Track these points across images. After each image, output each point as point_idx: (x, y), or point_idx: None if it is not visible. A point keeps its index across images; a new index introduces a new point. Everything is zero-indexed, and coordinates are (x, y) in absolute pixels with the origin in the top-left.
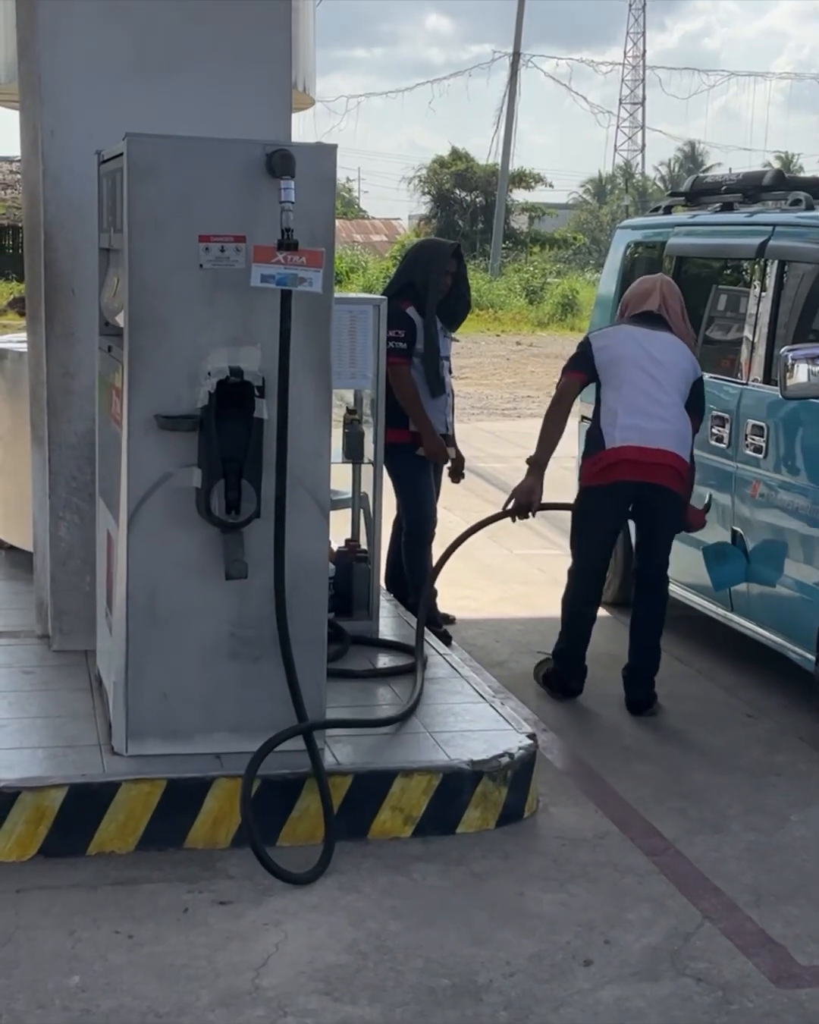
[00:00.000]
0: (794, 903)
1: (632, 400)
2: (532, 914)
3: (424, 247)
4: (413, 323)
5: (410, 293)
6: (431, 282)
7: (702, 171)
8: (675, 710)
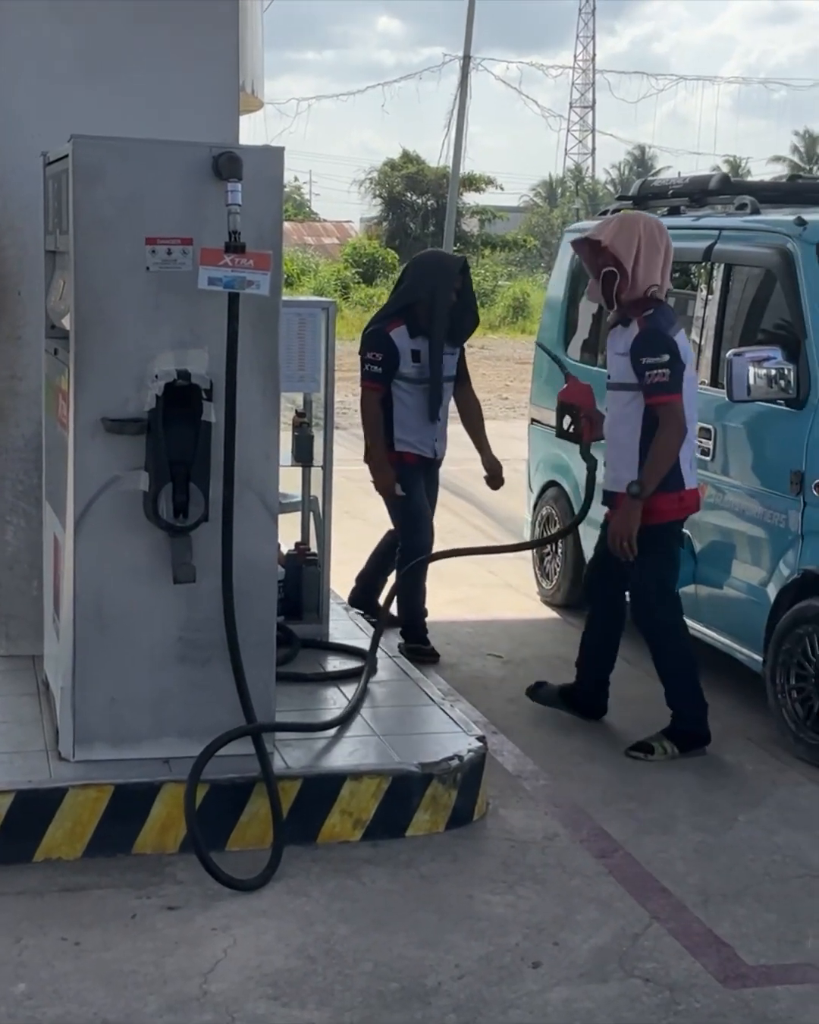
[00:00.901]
0: (741, 903)
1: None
2: (481, 916)
3: (428, 264)
4: (394, 347)
5: (405, 314)
6: (438, 304)
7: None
8: (624, 711)
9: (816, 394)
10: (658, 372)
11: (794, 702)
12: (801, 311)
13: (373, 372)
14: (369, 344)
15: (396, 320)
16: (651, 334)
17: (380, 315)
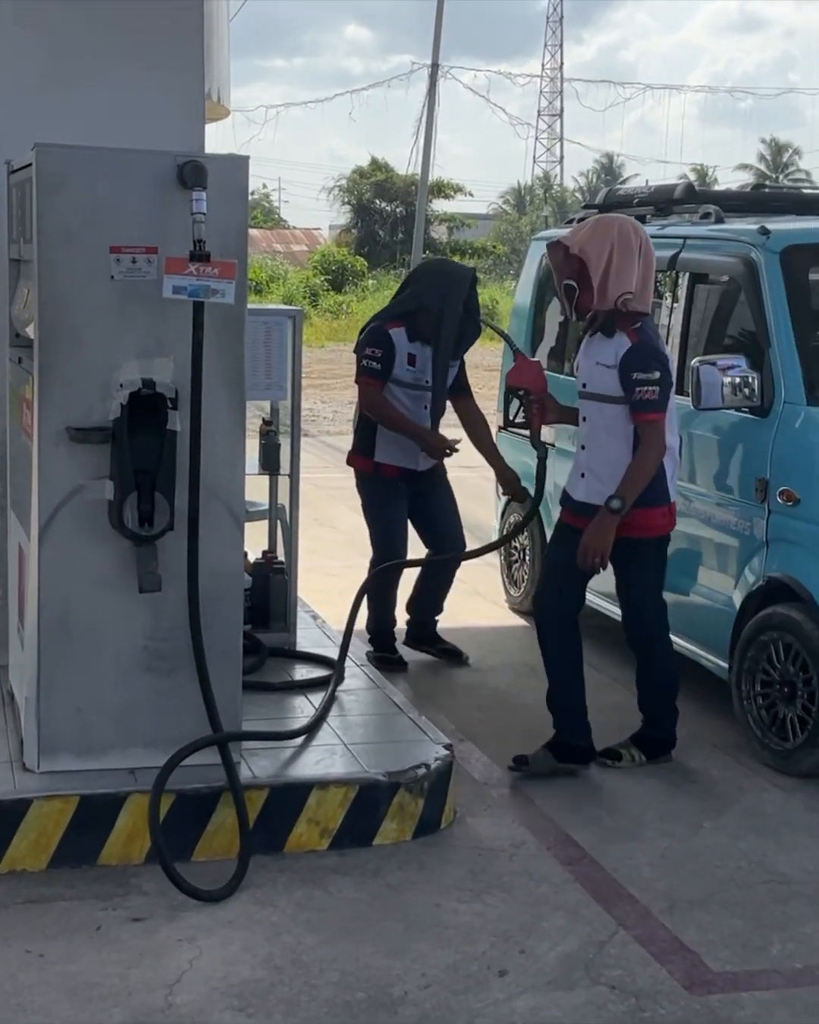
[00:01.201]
0: (707, 909)
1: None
2: (448, 925)
3: (440, 273)
4: (392, 345)
5: (406, 318)
6: (447, 313)
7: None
8: (592, 719)
9: (780, 402)
10: (648, 389)
11: (760, 708)
12: (765, 320)
13: (371, 368)
14: (368, 340)
15: (396, 321)
16: (644, 349)
17: (379, 315)
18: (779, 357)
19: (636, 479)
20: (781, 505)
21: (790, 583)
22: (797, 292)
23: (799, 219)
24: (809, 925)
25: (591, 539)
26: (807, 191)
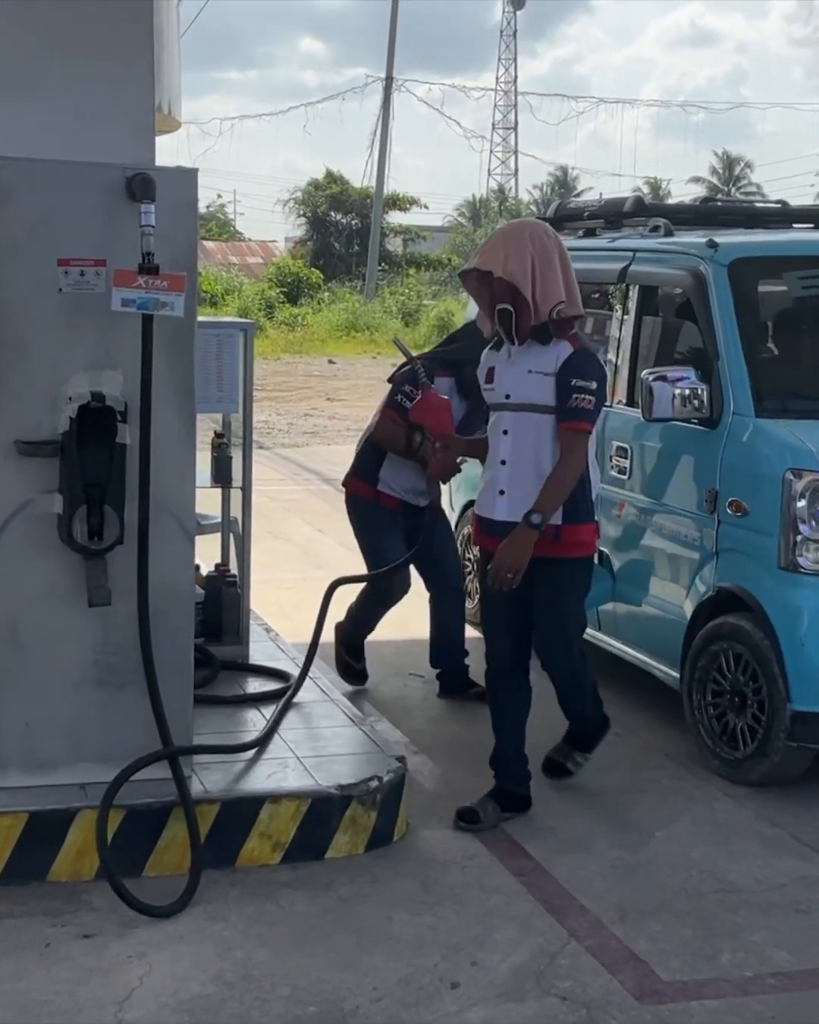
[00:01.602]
0: (658, 919)
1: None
2: (400, 938)
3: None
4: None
5: (455, 370)
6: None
7: (574, 195)
8: (545, 729)
9: (728, 414)
10: (584, 398)
11: (711, 718)
12: (713, 332)
13: (402, 405)
14: (412, 379)
15: (446, 371)
16: (586, 355)
17: (427, 358)
18: (728, 369)
19: (557, 492)
20: (730, 516)
21: (739, 593)
22: (745, 305)
23: (747, 232)
24: (758, 934)
25: (507, 554)
26: (760, 205)
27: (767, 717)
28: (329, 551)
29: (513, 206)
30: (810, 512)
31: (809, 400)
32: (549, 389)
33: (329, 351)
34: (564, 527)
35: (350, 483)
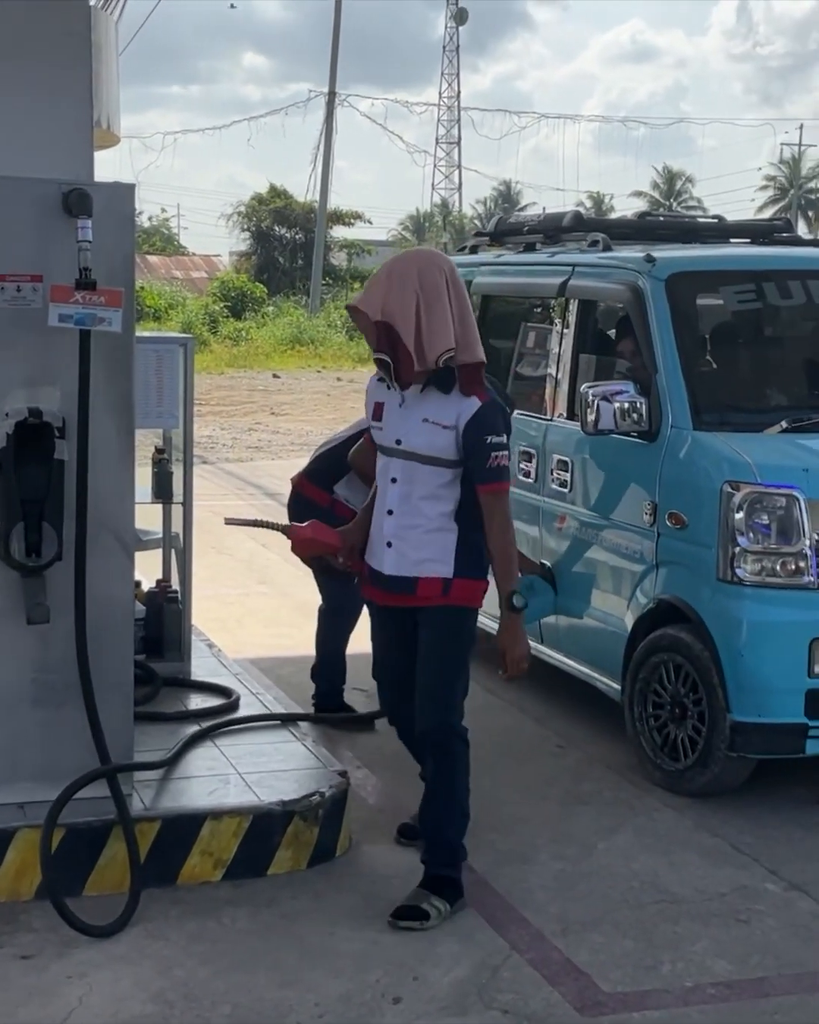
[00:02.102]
0: (599, 931)
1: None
2: (342, 953)
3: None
4: None
5: None
6: None
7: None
8: (487, 742)
9: (667, 427)
10: (501, 455)
11: (651, 730)
12: (651, 346)
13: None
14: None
15: None
16: (495, 409)
17: None
18: (666, 382)
19: (509, 559)
20: (670, 528)
21: (679, 605)
22: (683, 318)
23: (684, 247)
24: (699, 944)
25: (511, 648)
26: (701, 219)
27: (707, 728)
28: (272, 566)
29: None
30: (748, 524)
31: (747, 413)
32: (447, 443)
33: (273, 365)
34: (454, 580)
35: (304, 485)
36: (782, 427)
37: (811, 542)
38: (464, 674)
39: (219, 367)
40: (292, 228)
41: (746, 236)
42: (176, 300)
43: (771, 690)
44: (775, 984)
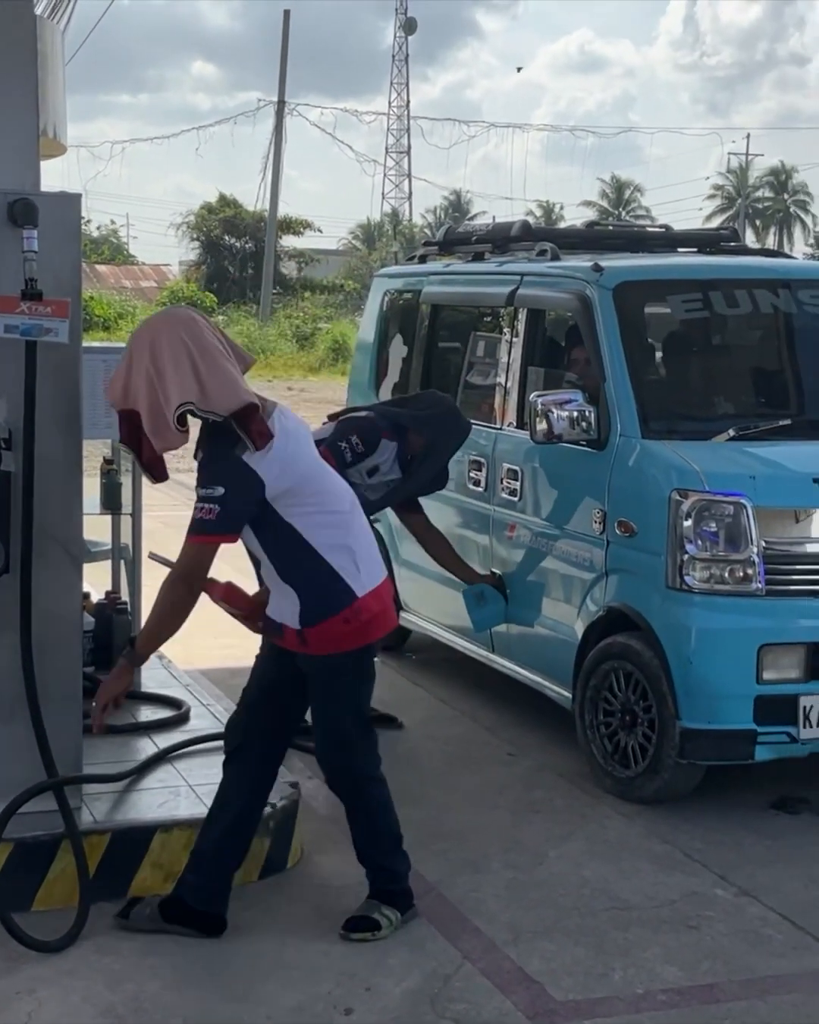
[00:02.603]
0: (551, 938)
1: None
2: (294, 965)
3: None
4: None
5: (402, 434)
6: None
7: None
8: (439, 752)
9: (616, 435)
10: (204, 507)
11: (602, 737)
12: (600, 354)
13: (343, 454)
14: (362, 431)
15: (392, 434)
16: (215, 459)
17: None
18: (614, 391)
19: (152, 626)
20: (619, 536)
21: (629, 613)
22: (630, 327)
23: (632, 256)
24: (650, 950)
25: (103, 687)
26: (650, 228)
27: (657, 735)
28: (222, 575)
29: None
30: (696, 532)
31: (695, 421)
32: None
33: None
34: (306, 631)
35: None
36: (729, 435)
37: (759, 549)
38: (357, 720)
39: None
40: (242, 237)
41: (693, 245)
42: (126, 310)
43: (720, 696)
44: (725, 990)
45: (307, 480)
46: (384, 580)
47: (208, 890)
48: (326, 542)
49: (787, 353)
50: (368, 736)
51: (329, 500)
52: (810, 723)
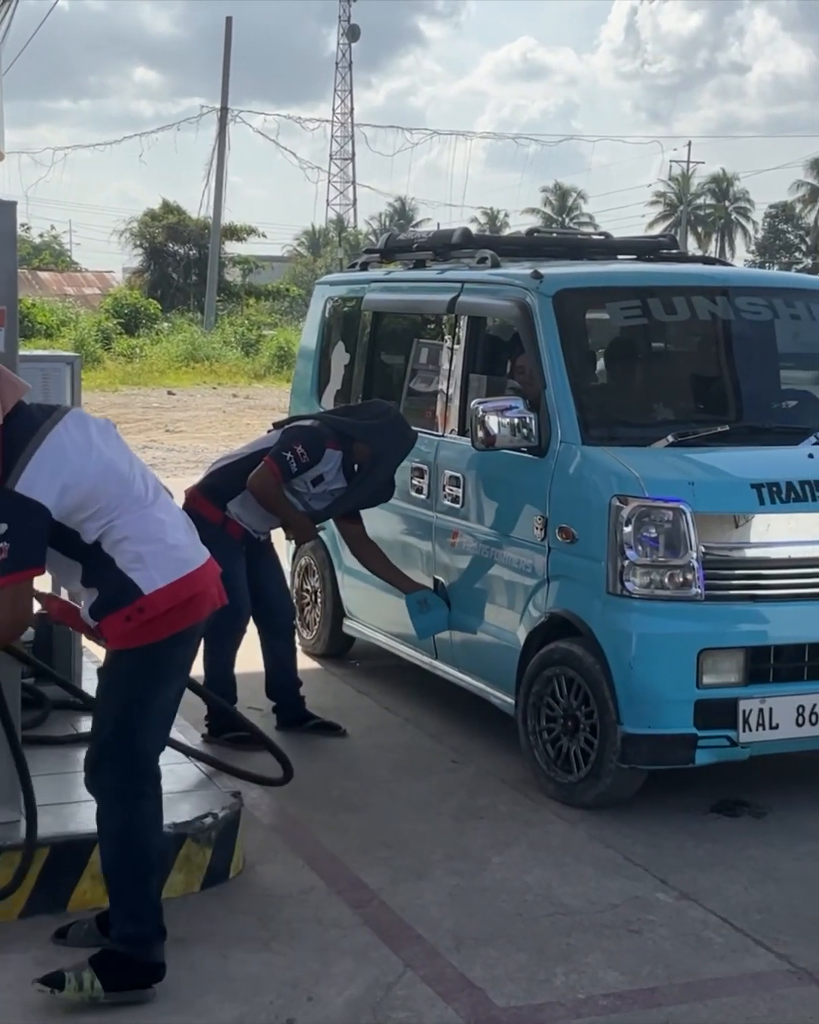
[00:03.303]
0: (494, 945)
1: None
2: (235, 977)
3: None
4: (319, 461)
5: (348, 444)
6: (382, 465)
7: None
8: (383, 759)
9: (556, 442)
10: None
11: (545, 743)
12: (540, 361)
13: (288, 464)
14: (305, 441)
15: (338, 443)
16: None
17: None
18: (554, 398)
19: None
20: (560, 543)
21: (570, 618)
22: (570, 334)
23: (572, 263)
24: (591, 955)
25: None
26: (590, 236)
27: (599, 740)
28: None
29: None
30: (636, 538)
31: (635, 427)
32: None
33: (168, 382)
34: (99, 625)
35: (196, 500)
36: (669, 441)
37: (698, 555)
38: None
39: (113, 384)
40: (186, 244)
41: (632, 253)
42: (68, 317)
43: (661, 701)
44: (666, 993)
45: (98, 490)
46: (188, 574)
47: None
48: (115, 539)
49: (725, 360)
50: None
51: (125, 503)
52: (749, 727)
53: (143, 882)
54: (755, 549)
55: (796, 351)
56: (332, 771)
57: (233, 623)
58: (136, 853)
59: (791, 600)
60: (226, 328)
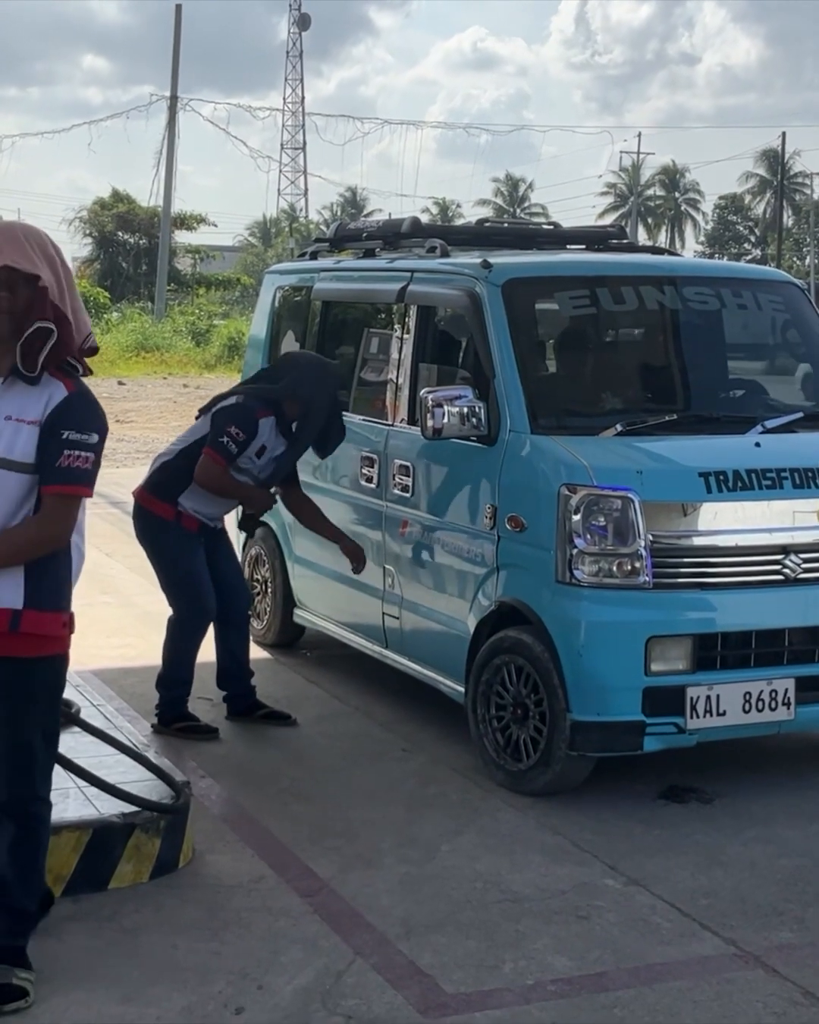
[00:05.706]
0: (443, 932)
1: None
2: (184, 966)
3: (310, 372)
4: (255, 434)
5: (276, 407)
6: (315, 409)
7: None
8: (333, 748)
9: (506, 431)
10: (80, 455)
11: (495, 731)
12: (489, 351)
13: (228, 449)
14: (235, 419)
15: (267, 410)
16: (85, 401)
17: (248, 395)
18: (503, 387)
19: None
20: (509, 531)
21: (520, 607)
22: (519, 324)
23: (520, 253)
24: (540, 941)
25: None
26: (542, 226)
27: (548, 728)
28: (117, 575)
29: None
30: (585, 526)
31: (583, 417)
32: (32, 442)
33: (119, 372)
34: (25, 612)
35: (146, 500)
36: (617, 430)
37: (646, 543)
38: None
39: None
40: (135, 233)
41: (581, 243)
42: None
43: (609, 689)
44: (614, 978)
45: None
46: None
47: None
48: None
49: (673, 349)
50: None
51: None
52: (697, 713)
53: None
54: (703, 537)
55: (743, 341)
56: (282, 760)
57: (200, 616)
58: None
59: (738, 588)
60: (177, 318)
